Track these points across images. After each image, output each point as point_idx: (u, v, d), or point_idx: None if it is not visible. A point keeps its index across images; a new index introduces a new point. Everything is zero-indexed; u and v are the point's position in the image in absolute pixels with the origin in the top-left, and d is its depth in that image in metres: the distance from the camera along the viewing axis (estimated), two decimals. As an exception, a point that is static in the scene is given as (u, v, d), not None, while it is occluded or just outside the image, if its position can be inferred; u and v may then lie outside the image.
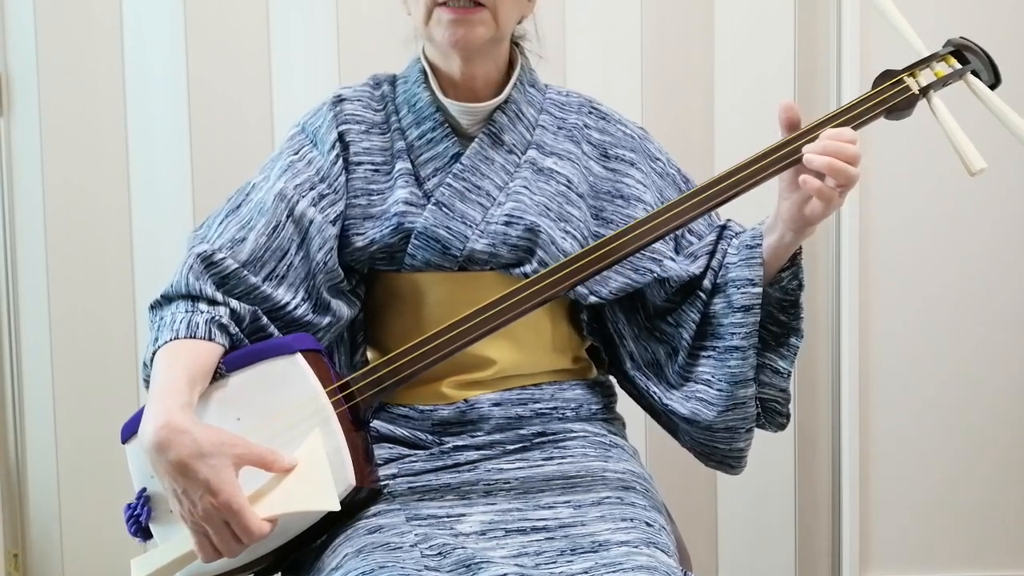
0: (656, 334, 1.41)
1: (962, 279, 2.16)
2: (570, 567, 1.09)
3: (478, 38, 1.28)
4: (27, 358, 2.14)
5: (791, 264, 1.33)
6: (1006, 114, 1.22)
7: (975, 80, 1.25)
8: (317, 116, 1.36)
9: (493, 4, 1.28)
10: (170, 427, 1.07)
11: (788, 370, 1.36)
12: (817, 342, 2.16)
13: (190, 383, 1.12)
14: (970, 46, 1.26)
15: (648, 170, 1.41)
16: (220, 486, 1.06)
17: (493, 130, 1.35)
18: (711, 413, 1.34)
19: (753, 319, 1.31)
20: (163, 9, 2.06)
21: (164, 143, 2.09)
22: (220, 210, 1.31)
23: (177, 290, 1.21)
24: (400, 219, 1.31)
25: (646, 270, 1.36)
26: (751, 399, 1.34)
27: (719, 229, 1.39)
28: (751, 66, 2.09)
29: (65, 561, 2.17)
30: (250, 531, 1.08)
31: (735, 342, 1.31)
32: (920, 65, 1.25)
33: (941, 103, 1.23)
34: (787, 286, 1.34)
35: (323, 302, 1.30)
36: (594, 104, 1.43)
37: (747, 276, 1.31)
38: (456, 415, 1.33)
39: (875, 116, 1.24)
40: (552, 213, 1.34)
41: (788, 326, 1.35)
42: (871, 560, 2.20)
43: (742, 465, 1.42)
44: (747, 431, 1.38)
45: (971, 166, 1.19)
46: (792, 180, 1.25)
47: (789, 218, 1.26)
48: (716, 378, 1.34)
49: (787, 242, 1.29)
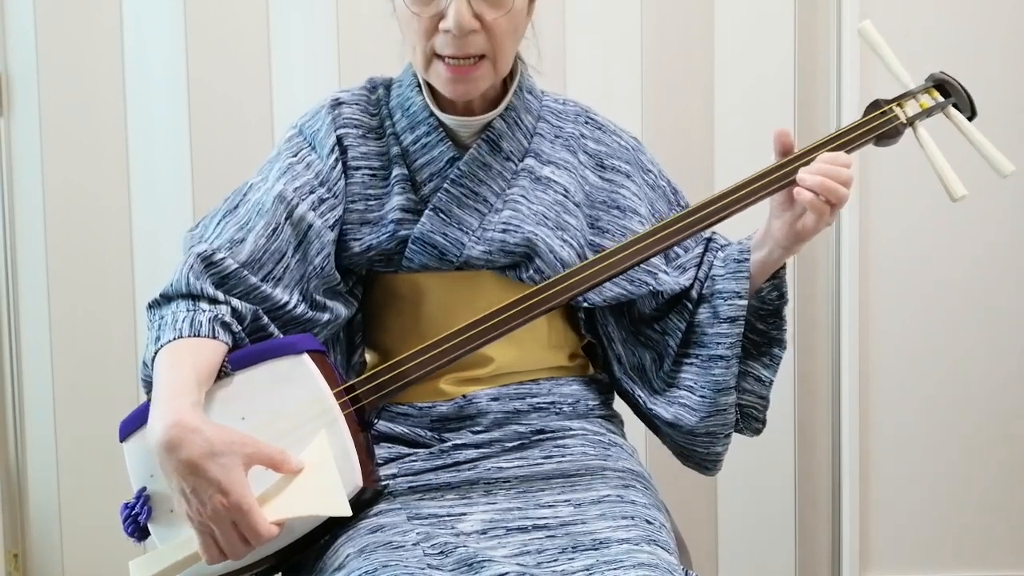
0: (642, 339, 1.43)
1: (960, 281, 2.16)
2: (571, 564, 1.09)
3: (478, 90, 1.29)
4: (27, 358, 2.14)
5: (773, 277, 1.36)
6: (982, 144, 1.31)
7: (955, 112, 1.34)
8: (315, 119, 1.36)
9: (493, 53, 1.27)
10: (181, 425, 1.06)
11: (770, 379, 1.39)
12: (817, 343, 2.16)
13: (196, 381, 1.12)
14: (950, 81, 1.35)
15: (641, 182, 1.43)
16: (231, 486, 1.06)
17: (492, 136, 1.34)
18: (693, 419, 1.38)
19: (738, 330, 1.34)
20: (163, 9, 2.06)
21: (164, 143, 2.09)
22: (217, 210, 1.31)
23: (177, 289, 1.21)
24: (397, 226, 1.32)
25: (641, 282, 1.38)
26: (732, 406, 1.37)
27: (705, 241, 1.43)
28: (751, 66, 2.10)
29: (65, 561, 2.17)
30: (258, 533, 1.07)
31: (720, 351, 1.35)
32: (906, 97, 1.34)
33: (926, 132, 1.32)
34: (765, 296, 1.37)
35: (318, 303, 1.30)
36: (590, 114, 1.44)
37: (734, 289, 1.34)
38: (454, 410, 1.33)
39: (865, 142, 1.31)
40: (549, 222, 1.34)
41: (768, 335, 1.39)
42: (871, 560, 2.20)
43: (718, 468, 1.46)
44: (726, 436, 1.41)
45: (953, 193, 1.29)
46: (784, 201, 1.28)
47: (781, 236, 1.30)
48: (699, 385, 1.37)
49: (775, 258, 1.33)
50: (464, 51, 1.25)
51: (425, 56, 1.28)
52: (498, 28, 1.25)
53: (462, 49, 1.25)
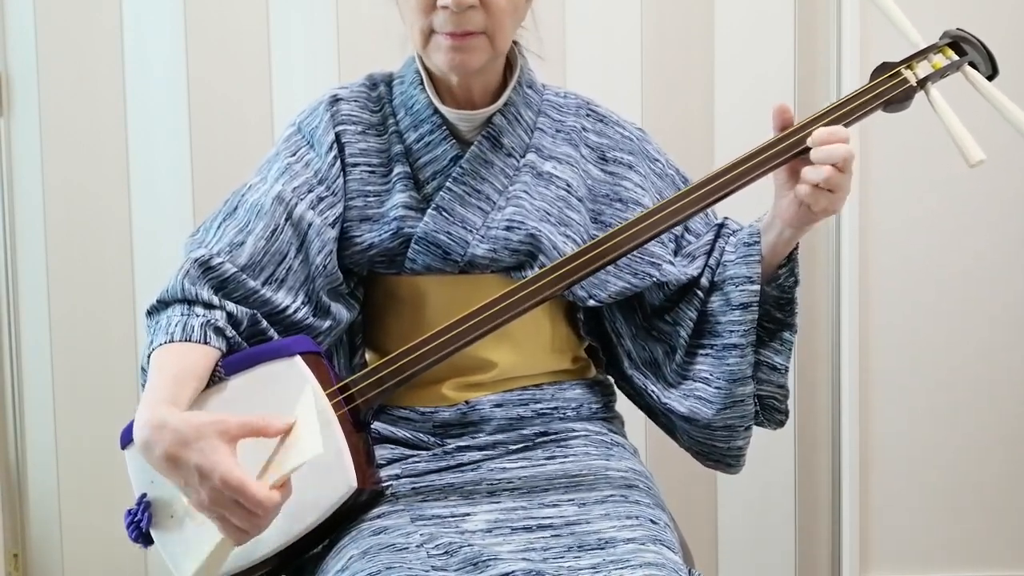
0: (654, 333, 1.41)
1: (962, 279, 2.15)
2: (578, 563, 1.09)
3: (476, 62, 1.28)
4: (27, 358, 2.13)
5: (788, 261, 1.32)
6: (1004, 105, 1.21)
7: (972, 71, 1.24)
8: (313, 116, 1.35)
9: (492, 30, 1.27)
10: (150, 425, 1.07)
11: (785, 365, 1.35)
12: (817, 342, 2.16)
13: (175, 380, 1.11)
14: (967, 37, 1.25)
15: (647, 171, 1.41)
16: (214, 467, 1.04)
17: (492, 133, 1.34)
18: (710, 411, 1.34)
19: (752, 316, 1.31)
20: (163, 9, 2.06)
21: (164, 143, 2.09)
22: (216, 214, 1.30)
23: (173, 295, 1.21)
24: (400, 224, 1.31)
25: (645, 274, 1.36)
26: (749, 397, 1.34)
27: (717, 227, 1.39)
28: (751, 66, 2.10)
29: (65, 561, 2.16)
30: (259, 501, 1.04)
31: (733, 340, 1.31)
32: (917, 57, 1.24)
33: (939, 95, 1.23)
34: (784, 283, 1.34)
35: (323, 305, 1.29)
36: (592, 106, 1.42)
37: (745, 274, 1.31)
38: (457, 417, 1.32)
39: (873, 109, 1.24)
40: (552, 218, 1.34)
41: (783, 322, 1.35)
42: (871, 560, 2.20)
43: (740, 464, 1.42)
44: (746, 429, 1.37)
45: (970, 158, 1.19)
46: (787, 178, 1.25)
47: (789, 216, 1.26)
48: (714, 376, 1.34)
49: (786, 238, 1.29)
50: (462, 28, 1.25)
51: (423, 33, 1.27)
52: (496, 5, 1.25)
53: (460, 26, 1.24)
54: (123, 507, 1.16)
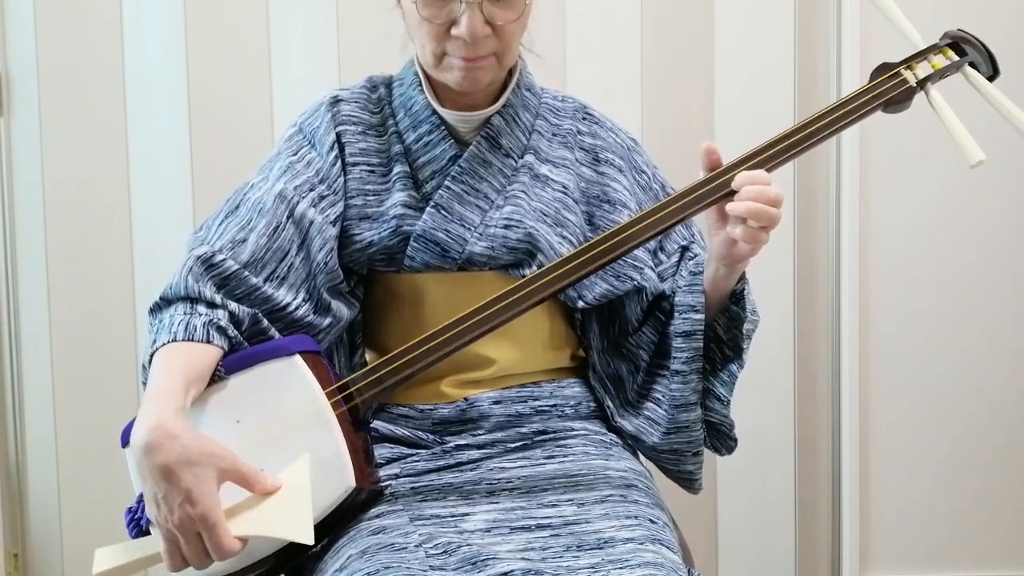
0: (622, 351, 1.42)
1: (961, 281, 2.15)
2: (577, 562, 1.09)
3: (487, 79, 1.30)
4: (27, 358, 2.14)
5: (738, 295, 1.29)
6: (1005, 105, 1.21)
7: (973, 72, 1.24)
8: (315, 117, 1.36)
9: (501, 51, 1.28)
10: (161, 430, 1.06)
11: (727, 397, 1.33)
12: (817, 343, 2.16)
13: (185, 387, 1.11)
14: (967, 38, 1.25)
15: (632, 181, 1.41)
16: (200, 498, 1.05)
17: (490, 133, 1.35)
18: (656, 433, 1.35)
19: (695, 345, 1.30)
20: (163, 9, 2.06)
21: (164, 143, 2.09)
22: (218, 212, 1.31)
23: (176, 292, 1.21)
24: (399, 222, 1.32)
25: (627, 277, 1.37)
26: (695, 423, 1.34)
27: (680, 251, 1.40)
28: (751, 66, 2.09)
29: (65, 561, 2.16)
30: (222, 547, 1.06)
31: (676, 366, 1.31)
32: (917, 58, 1.24)
33: (939, 96, 1.23)
34: (733, 317, 1.30)
35: (323, 303, 1.30)
36: (588, 110, 1.44)
37: (689, 302, 1.30)
38: (456, 413, 1.33)
39: (873, 109, 1.23)
40: (549, 219, 1.34)
41: (730, 356, 1.33)
42: (871, 560, 2.20)
43: (697, 486, 1.42)
44: (694, 455, 1.38)
45: (970, 158, 1.18)
46: (716, 218, 1.23)
47: (719, 255, 1.25)
48: (664, 398, 1.35)
49: (721, 275, 1.27)
50: (475, 54, 1.27)
51: (435, 56, 1.29)
52: (508, 30, 1.27)
53: (474, 52, 1.26)
54: (123, 506, 1.17)
